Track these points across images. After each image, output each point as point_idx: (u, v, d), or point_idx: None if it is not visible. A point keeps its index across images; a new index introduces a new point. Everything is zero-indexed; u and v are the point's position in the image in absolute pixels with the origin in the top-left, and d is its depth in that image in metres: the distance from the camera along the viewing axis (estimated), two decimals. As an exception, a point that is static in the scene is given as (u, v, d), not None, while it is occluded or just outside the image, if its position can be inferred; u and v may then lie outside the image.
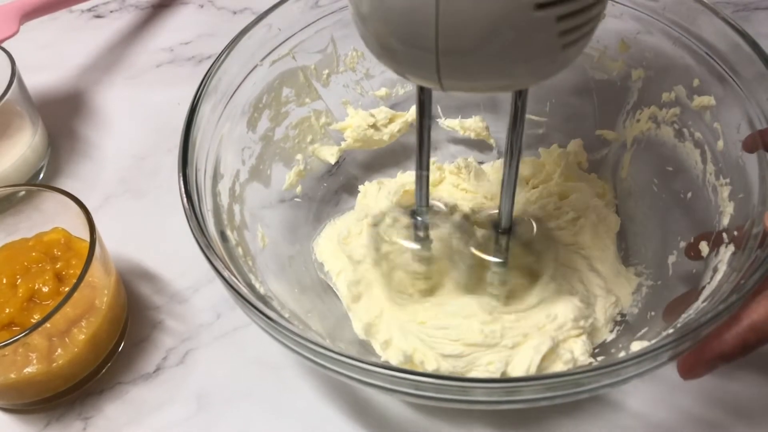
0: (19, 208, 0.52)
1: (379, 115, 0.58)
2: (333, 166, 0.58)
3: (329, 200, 0.58)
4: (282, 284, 0.49)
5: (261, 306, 0.39)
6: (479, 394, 0.35)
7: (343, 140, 0.58)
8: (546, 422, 0.46)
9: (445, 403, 0.36)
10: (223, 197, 0.47)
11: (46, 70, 0.73)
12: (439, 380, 0.35)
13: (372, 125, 0.58)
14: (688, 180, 0.50)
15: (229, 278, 0.40)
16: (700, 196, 0.49)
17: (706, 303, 0.40)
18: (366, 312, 0.49)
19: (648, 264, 0.51)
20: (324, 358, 0.37)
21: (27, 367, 0.45)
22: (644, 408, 0.47)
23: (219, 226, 0.45)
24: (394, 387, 0.36)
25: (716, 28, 0.47)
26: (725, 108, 0.47)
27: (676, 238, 0.49)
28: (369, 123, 0.57)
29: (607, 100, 0.56)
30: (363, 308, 0.50)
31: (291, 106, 0.55)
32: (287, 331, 0.37)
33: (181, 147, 0.45)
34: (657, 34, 0.50)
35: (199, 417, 0.48)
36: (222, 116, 0.49)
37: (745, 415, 0.46)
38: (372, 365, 0.35)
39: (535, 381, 0.36)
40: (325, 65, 0.57)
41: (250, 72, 0.51)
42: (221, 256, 0.41)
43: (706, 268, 0.45)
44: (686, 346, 0.36)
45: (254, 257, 0.48)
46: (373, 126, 0.58)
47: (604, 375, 0.35)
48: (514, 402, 0.36)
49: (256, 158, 0.52)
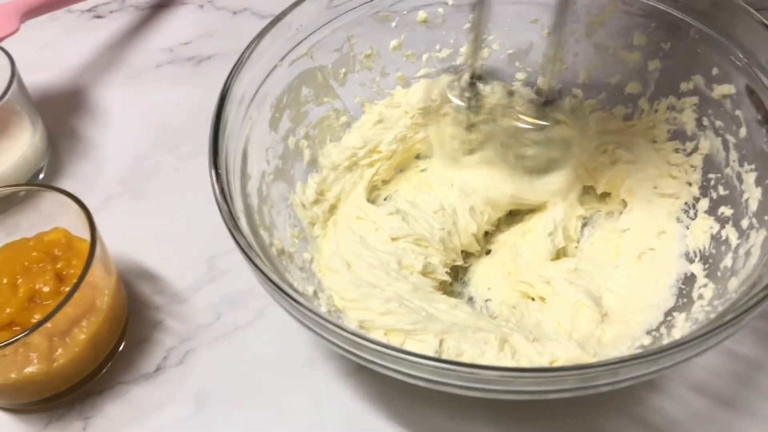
0: (20, 208, 0.52)
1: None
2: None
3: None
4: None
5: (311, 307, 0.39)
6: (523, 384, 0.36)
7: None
8: (552, 417, 0.47)
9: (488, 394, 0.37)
10: (253, 198, 0.48)
11: (46, 70, 0.73)
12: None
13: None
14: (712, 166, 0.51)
15: (277, 281, 0.40)
16: (723, 182, 0.50)
17: (743, 287, 0.41)
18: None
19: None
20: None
21: (27, 367, 0.45)
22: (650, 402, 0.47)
23: (252, 227, 0.45)
24: (442, 380, 0.37)
25: (734, 16, 0.47)
26: (747, 95, 0.47)
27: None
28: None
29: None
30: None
31: (310, 106, 0.56)
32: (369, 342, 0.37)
33: (211, 147, 0.45)
34: (673, 24, 0.51)
35: (199, 417, 0.49)
36: (245, 117, 0.49)
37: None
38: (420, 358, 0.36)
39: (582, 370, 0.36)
40: (342, 64, 0.57)
41: (270, 72, 0.51)
42: (262, 257, 0.41)
43: (735, 254, 0.45)
44: (730, 333, 0.36)
45: (291, 255, 0.48)
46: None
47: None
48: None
49: (279, 158, 0.53)
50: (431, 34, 0.58)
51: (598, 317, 0.47)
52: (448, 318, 0.47)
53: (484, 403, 0.46)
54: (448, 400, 0.45)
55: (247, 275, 0.43)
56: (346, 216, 0.54)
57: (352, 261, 0.50)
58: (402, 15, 0.57)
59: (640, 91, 0.56)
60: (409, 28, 0.58)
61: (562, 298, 0.49)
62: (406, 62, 0.59)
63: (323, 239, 0.53)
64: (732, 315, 0.36)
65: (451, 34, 0.58)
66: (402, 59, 0.59)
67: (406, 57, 0.59)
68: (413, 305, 0.47)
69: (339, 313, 0.48)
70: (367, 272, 0.50)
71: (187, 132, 0.67)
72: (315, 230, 0.53)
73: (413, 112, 0.58)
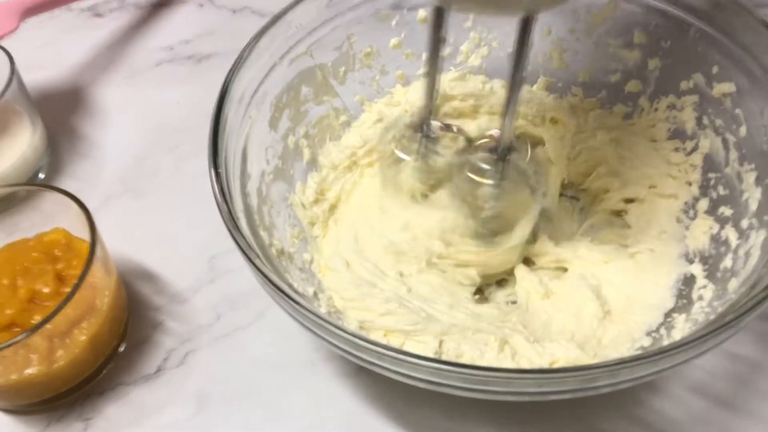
0: (20, 208, 0.52)
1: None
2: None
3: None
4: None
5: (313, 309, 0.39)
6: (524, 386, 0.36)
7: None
8: (552, 418, 0.47)
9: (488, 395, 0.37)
10: (252, 198, 0.48)
11: (45, 69, 0.73)
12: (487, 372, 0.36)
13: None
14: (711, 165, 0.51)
15: (277, 282, 0.40)
16: (723, 181, 0.50)
17: (743, 288, 0.41)
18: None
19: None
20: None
21: (27, 368, 0.45)
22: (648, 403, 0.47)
23: (251, 227, 0.45)
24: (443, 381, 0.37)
25: (734, 15, 0.47)
26: (747, 94, 0.47)
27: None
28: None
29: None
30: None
31: (310, 105, 0.56)
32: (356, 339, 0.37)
33: (211, 147, 0.45)
34: (673, 22, 0.51)
35: (199, 418, 0.49)
36: (245, 116, 0.49)
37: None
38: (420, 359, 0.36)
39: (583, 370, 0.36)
40: (342, 63, 0.57)
41: (269, 71, 0.51)
42: (261, 258, 0.41)
43: (735, 255, 0.45)
44: (730, 334, 0.36)
45: (291, 256, 0.48)
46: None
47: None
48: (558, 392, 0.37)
49: (279, 158, 0.53)
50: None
51: (600, 313, 0.47)
52: (447, 319, 0.47)
53: (484, 404, 0.46)
54: (448, 401, 0.45)
55: (247, 276, 0.43)
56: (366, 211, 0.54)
57: (352, 259, 0.50)
58: (402, 13, 0.57)
59: (640, 90, 0.56)
60: (409, 27, 0.58)
61: (566, 293, 0.49)
62: (405, 61, 0.59)
63: (323, 239, 0.53)
64: (732, 316, 0.36)
65: (451, 32, 0.58)
66: (402, 58, 0.59)
67: (406, 55, 0.59)
68: (413, 306, 0.47)
69: (339, 314, 0.48)
70: (366, 272, 0.50)
71: (186, 131, 0.67)
72: (315, 230, 0.53)
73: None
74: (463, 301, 0.49)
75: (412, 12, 0.57)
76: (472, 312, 0.48)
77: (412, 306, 0.47)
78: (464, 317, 0.47)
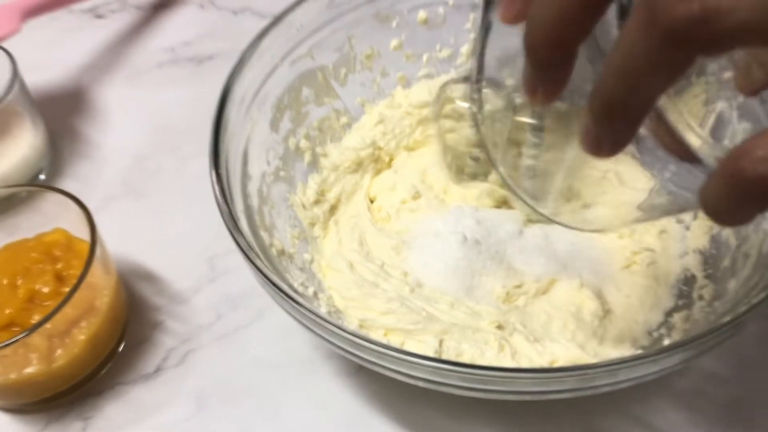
0: (20, 209, 0.52)
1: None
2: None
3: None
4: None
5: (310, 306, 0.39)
6: (525, 385, 0.36)
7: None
8: (552, 417, 0.47)
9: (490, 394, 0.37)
10: (253, 198, 0.48)
11: (46, 70, 0.73)
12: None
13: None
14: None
15: (277, 282, 0.40)
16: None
17: (743, 288, 0.41)
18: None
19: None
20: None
21: (27, 368, 0.45)
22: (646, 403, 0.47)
23: (252, 227, 0.45)
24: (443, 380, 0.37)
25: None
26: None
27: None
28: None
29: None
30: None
31: (311, 106, 0.56)
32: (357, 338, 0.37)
33: (212, 148, 0.45)
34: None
35: (199, 417, 0.48)
36: (246, 117, 0.49)
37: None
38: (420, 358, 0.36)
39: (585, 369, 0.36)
40: (343, 64, 0.57)
41: (270, 72, 0.51)
42: (262, 258, 0.41)
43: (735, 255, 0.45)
44: (730, 334, 0.36)
45: (291, 256, 0.48)
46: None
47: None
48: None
49: (280, 159, 0.53)
50: (432, 34, 0.58)
51: (600, 312, 0.47)
52: (448, 318, 0.47)
53: (484, 404, 0.46)
54: (448, 400, 0.45)
55: (247, 276, 0.43)
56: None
57: (356, 260, 0.51)
58: (402, 15, 0.57)
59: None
60: (409, 28, 0.58)
61: (566, 292, 0.49)
62: (406, 62, 0.59)
63: (324, 240, 0.53)
64: (732, 316, 0.36)
65: (452, 34, 0.58)
66: (402, 59, 0.59)
67: (407, 57, 0.59)
68: (413, 305, 0.47)
69: (339, 313, 0.48)
70: (368, 272, 0.50)
71: (188, 132, 0.67)
72: (315, 231, 0.53)
73: (416, 113, 0.58)
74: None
75: (413, 13, 0.57)
76: (473, 311, 0.48)
77: (412, 305, 0.47)
78: (464, 316, 0.47)
